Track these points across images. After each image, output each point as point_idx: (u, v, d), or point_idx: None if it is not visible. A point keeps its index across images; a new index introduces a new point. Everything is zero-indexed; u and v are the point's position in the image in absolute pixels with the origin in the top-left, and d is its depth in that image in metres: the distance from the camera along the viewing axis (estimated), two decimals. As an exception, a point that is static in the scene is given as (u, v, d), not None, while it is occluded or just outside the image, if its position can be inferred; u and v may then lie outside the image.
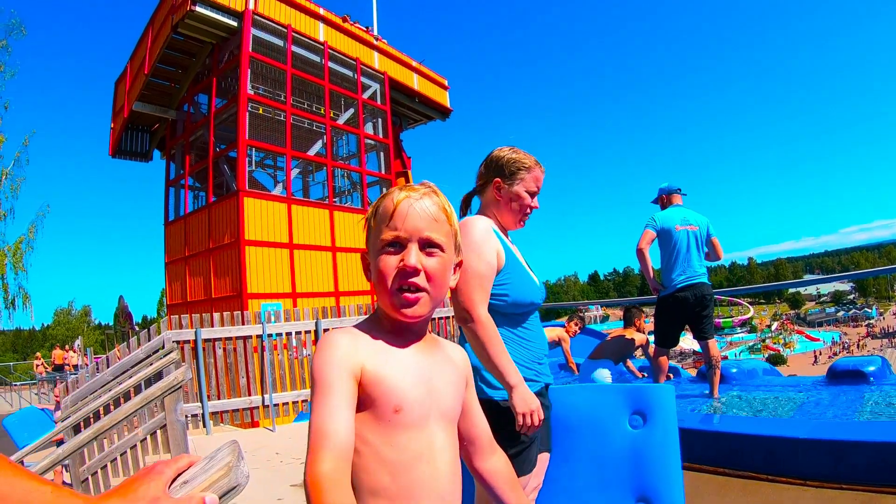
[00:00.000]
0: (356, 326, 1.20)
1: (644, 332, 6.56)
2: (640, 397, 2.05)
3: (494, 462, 1.37)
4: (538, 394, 1.98)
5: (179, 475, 0.99)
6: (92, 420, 3.56)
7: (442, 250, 1.17)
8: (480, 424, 1.36)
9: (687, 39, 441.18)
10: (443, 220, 1.18)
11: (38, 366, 23.53)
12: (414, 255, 1.13)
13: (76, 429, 4.23)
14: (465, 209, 2.32)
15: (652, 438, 1.97)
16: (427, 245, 1.15)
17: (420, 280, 1.13)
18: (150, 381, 4.44)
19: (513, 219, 2.21)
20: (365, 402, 1.09)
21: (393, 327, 1.20)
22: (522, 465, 1.91)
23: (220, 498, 0.93)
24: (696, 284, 5.30)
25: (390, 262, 1.13)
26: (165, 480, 0.95)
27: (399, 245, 1.14)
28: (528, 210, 2.21)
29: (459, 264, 1.28)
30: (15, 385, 22.53)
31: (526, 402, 1.86)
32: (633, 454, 1.99)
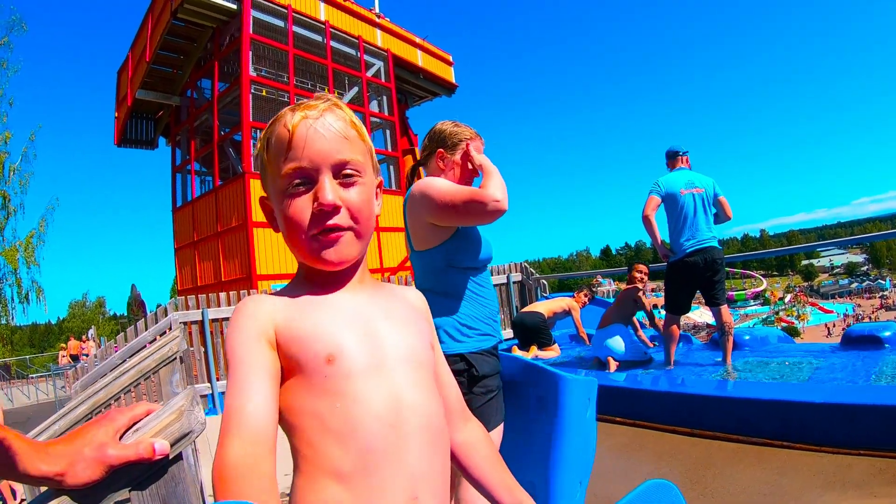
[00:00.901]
0: (276, 290, 1.01)
1: (643, 285, 6.46)
2: (542, 382, 2.02)
3: (469, 432, 1.11)
4: (490, 350, 2.03)
5: (136, 423, 0.92)
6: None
7: (360, 174, 0.95)
8: (449, 384, 1.12)
9: (703, 7, 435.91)
10: (353, 136, 0.95)
11: (62, 357, 23.72)
12: (329, 190, 0.90)
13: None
14: (412, 179, 2.35)
15: (547, 426, 1.93)
16: (342, 173, 0.92)
17: (342, 219, 0.91)
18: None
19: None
20: (291, 366, 0.88)
21: (321, 279, 0.98)
22: (497, 414, 1.96)
23: (172, 444, 0.86)
24: (706, 248, 5.19)
25: (300, 205, 0.91)
26: (117, 427, 0.89)
27: (307, 180, 0.91)
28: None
29: (380, 186, 1.05)
30: (32, 378, 22.78)
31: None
32: (528, 436, 1.98)
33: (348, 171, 0.93)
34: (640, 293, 6.37)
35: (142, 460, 0.85)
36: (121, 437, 0.88)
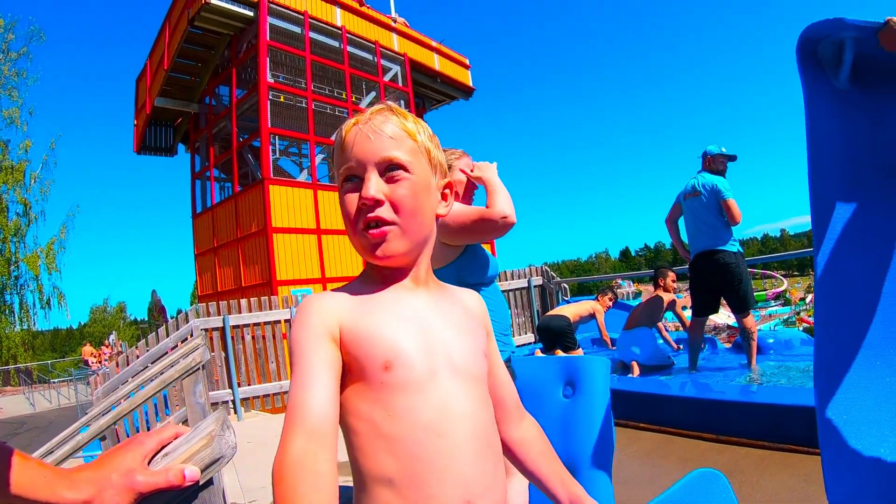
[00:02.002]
0: (342, 286, 1.04)
1: (671, 291, 6.45)
2: (571, 368, 2.06)
3: (525, 430, 1.15)
4: (505, 362, 2.05)
5: (164, 447, 0.91)
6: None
7: (407, 171, 0.98)
8: (505, 384, 1.15)
9: (728, 3, 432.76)
10: (401, 135, 0.99)
11: (93, 362, 23.84)
12: (372, 185, 0.94)
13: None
14: None
15: (580, 406, 1.96)
16: (388, 168, 0.97)
17: (384, 212, 0.95)
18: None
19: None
20: (352, 366, 0.91)
21: (381, 276, 1.02)
22: None
23: (202, 470, 0.85)
24: (709, 252, 5.17)
25: (350, 201, 0.97)
26: (145, 452, 0.88)
27: (356, 178, 0.97)
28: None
29: (449, 187, 1.10)
30: (54, 382, 23.07)
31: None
32: (563, 423, 1.98)
33: (393, 168, 0.97)
34: (671, 300, 6.37)
35: (172, 487, 0.83)
36: (149, 463, 0.87)
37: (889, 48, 1.44)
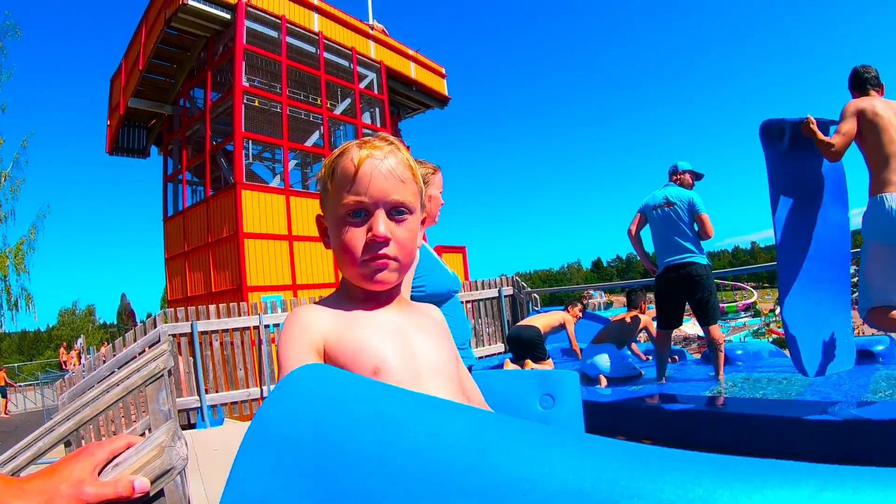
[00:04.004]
0: (322, 300, 1.12)
1: (647, 314, 6.51)
2: (548, 381, 2.10)
3: None
4: None
5: (115, 457, 0.89)
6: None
7: (410, 213, 1.07)
8: (472, 391, 1.28)
9: (692, 15, 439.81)
10: (409, 179, 1.07)
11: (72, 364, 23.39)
12: (382, 224, 1.02)
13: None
14: None
15: (558, 416, 2.01)
16: (395, 211, 1.04)
17: (390, 250, 1.03)
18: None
19: (428, 218, 2.43)
20: None
21: (361, 295, 1.10)
22: None
23: (152, 481, 0.83)
24: (680, 265, 5.21)
25: (356, 234, 1.02)
26: (95, 462, 0.86)
27: (364, 212, 1.03)
28: (437, 209, 2.50)
29: (425, 221, 1.20)
30: (20, 386, 22.59)
31: None
32: None
33: (400, 210, 1.05)
34: (647, 322, 6.43)
35: (120, 498, 0.81)
36: (99, 473, 0.85)
37: (804, 132, 3.55)
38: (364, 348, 0.99)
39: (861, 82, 3.81)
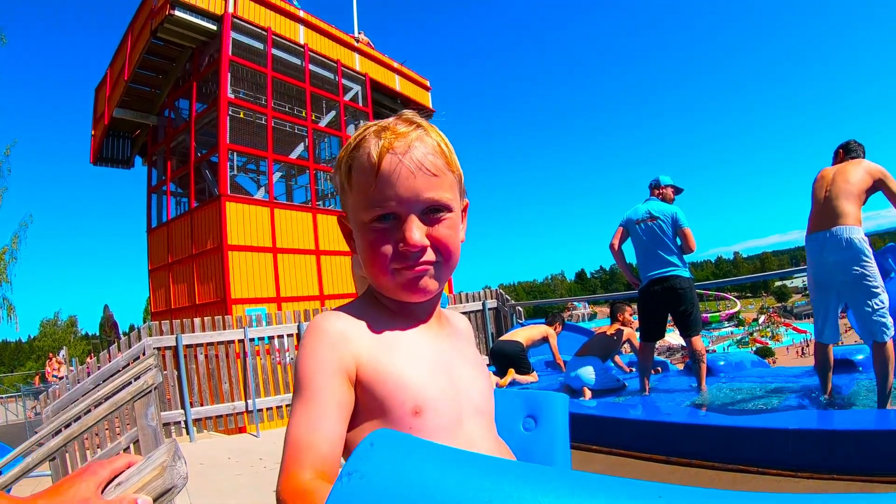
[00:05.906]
0: (349, 307, 0.95)
1: (630, 326, 6.56)
2: (533, 402, 2.12)
3: None
4: None
5: (116, 476, 0.92)
6: (64, 430, 3.50)
7: (449, 210, 0.91)
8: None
9: (673, 32, 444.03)
10: (443, 169, 0.90)
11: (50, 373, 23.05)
12: (416, 232, 0.86)
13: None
14: None
15: (540, 439, 2.03)
16: (430, 210, 0.89)
17: (427, 256, 0.88)
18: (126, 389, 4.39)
19: None
20: (371, 407, 0.86)
21: (396, 306, 0.95)
22: None
23: (154, 500, 0.86)
24: (664, 278, 5.29)
25: (384, 240, 0.88)
26: (99, 481, 0.88)
27: (393, 217, 0.87)
28: None
29: (465, 208, 1.01)
30: (1, 398, 22.24)
31: None
32: (524, 454, 2.04)
33: (437, 209, 0.89)
34: (630, 335, 6.48)
35: None
36: (102, 492, 0.87)
37: None
38: (406, 385, 0.85)
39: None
